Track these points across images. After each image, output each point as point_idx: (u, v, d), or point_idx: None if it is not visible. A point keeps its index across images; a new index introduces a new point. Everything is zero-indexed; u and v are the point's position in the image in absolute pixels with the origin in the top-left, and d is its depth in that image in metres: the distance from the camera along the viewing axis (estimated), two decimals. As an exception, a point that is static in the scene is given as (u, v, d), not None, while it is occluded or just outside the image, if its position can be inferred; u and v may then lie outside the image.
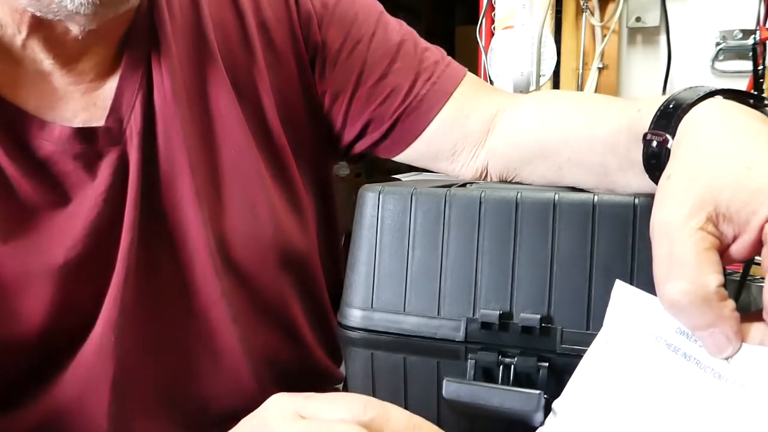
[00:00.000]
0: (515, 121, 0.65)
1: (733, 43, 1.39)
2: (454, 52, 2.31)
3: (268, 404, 0.40)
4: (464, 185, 0.57)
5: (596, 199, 0.49)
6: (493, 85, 1.20)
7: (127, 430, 0.60)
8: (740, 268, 0.64)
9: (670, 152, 0.43)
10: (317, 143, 0.72)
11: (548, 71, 1.20)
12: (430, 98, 0.68)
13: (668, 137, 0.44)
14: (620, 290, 0.43)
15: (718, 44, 1.40)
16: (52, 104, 0.58)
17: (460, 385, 0.47)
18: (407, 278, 0.53)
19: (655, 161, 0.46)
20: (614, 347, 0.42)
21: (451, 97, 0.68)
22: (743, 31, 1.37)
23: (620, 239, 0.48)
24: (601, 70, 1.42)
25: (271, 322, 0.67)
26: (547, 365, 0.48)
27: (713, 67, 1.42)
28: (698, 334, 0.38)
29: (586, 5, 1.38)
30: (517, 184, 0.65)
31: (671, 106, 0.45)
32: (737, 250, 0.38)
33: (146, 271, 0.60)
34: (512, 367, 0.49)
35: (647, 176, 0.48)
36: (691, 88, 0.46)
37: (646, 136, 0.46)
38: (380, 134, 0.69)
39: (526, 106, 0.65)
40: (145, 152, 0.59)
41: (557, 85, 1.40)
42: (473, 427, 0.53)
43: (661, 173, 0.42)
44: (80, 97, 0.59)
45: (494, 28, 1.30)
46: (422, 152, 0.69)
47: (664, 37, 1.42)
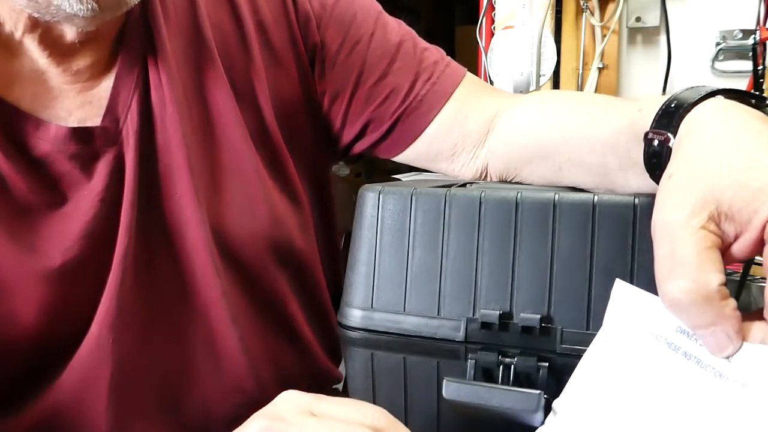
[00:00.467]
0: (515, 121, 0.65)
1: (733, 43, 1.38)
2: (454, 52, 2.31)
3: (279, 399, 0.40)
4: (464, 185, 0.57)
5: (596, 199, 0.49)
6: (493, 85, 1.20)
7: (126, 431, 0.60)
8: (740, 268, 0.64)
9: (671, 151, 0.43)
10: (316, 143, 0.72)
11: (548, 71, 1.20)
12: (429, 99, 0.68)
13: (670, 136, 0.44)
14: (620, 289, 0.43)
15: (718, 44, 1.40)
16: (46, 103, 0.58)
17: (460, 385, 0.47)
18: (407, 278, 0.53)
19: (656, 160, 0.46)
20: (614, 346, 0.42)
21: (450, 97, 0.68)
22: (743, 31, 1.36)
23: (620, 239, 0.48)
24: (601, 70, 1.42)
25: (270, 322, 0.67)
26: (547, 365, 0.48)
27: (713, 67, 1.41)
28: (699, 332, 0.38)
29: (586, 5, 1.38)
30: (517, 184, 0.64)
31: (673, 105, 0.45)
32: (739, 249, 0.38)
33: (144, 271, 0.59)
34: (512, 367, 0.49)
35: (647, 176, 0.48)
36: (692, 87, 0.46)
37: (647, 135, 0.46)
38: (380, 135, 0.69)
39: (525, 106, 0.65)
40: (142, 152, 0.59)
41: (557, 85, 1.40)
42: (473, 427, 0.52)
43: (662, 173, 0.42)
44: (75, 95, 0.59)
45: (494, 28, 1.30)
46: (422, 152, 0.69)
47: (664, 37, 1.41)
